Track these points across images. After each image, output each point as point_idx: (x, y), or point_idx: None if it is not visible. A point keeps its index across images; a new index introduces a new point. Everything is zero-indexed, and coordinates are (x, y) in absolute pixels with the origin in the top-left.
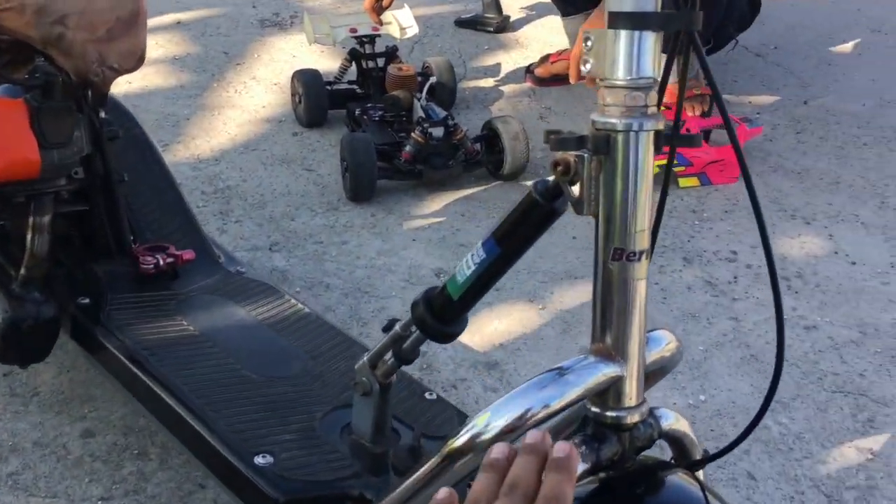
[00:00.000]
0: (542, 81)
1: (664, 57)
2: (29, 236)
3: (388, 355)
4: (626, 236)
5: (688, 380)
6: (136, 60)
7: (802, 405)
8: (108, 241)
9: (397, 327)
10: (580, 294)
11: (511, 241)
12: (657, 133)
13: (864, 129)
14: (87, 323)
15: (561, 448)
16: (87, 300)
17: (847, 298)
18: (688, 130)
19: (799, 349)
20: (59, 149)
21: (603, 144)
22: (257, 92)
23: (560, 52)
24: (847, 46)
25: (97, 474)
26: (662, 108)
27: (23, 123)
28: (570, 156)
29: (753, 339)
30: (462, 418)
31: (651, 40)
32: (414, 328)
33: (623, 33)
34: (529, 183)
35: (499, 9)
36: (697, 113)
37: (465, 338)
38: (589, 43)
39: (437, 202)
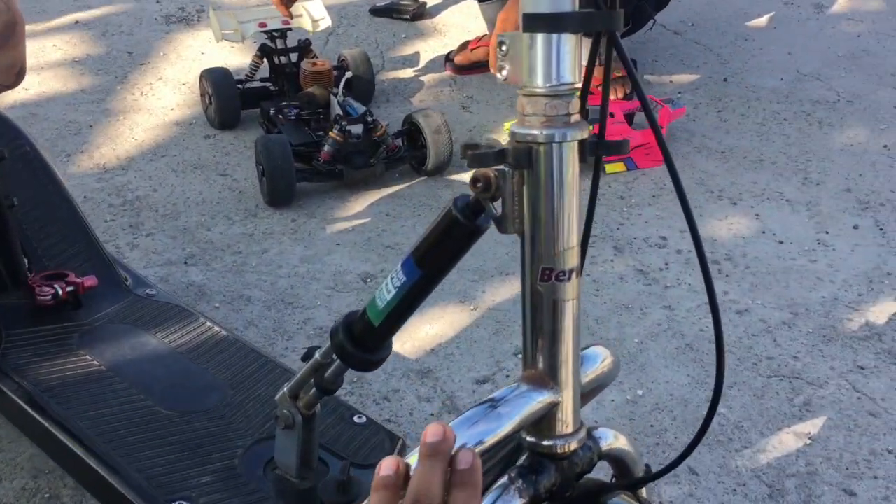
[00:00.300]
0: (463, 69)
1: (586, 56)
2: None
3: (310, 384)
4: (554, 255)
5: (624, 374)
6: (15, 75)
7: (739, 393)
8: (0, 273)
9: (317, 355)
10: (511, 290)
11: (432, 262)
12: (581, 142)
13: (783, 104)
14: None
15: (464, 459)
16: None
17: (777, 279)
18: (611, 115)
19: (733, 334)
20: None
21: (524, 158)
22: (165, 93)
23: (479, 39)
24: (762, 21)
25: None
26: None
27: None
28: (490, 171)
29: (688, 328)
30: (394, 441)
31: (570, 43)
32: (335, 356)
33: (540, 37)
34: (454, 177)
35: None
36: (620, 95)
37: (396, 345)
38: (504, 48)
39: (361, 202)
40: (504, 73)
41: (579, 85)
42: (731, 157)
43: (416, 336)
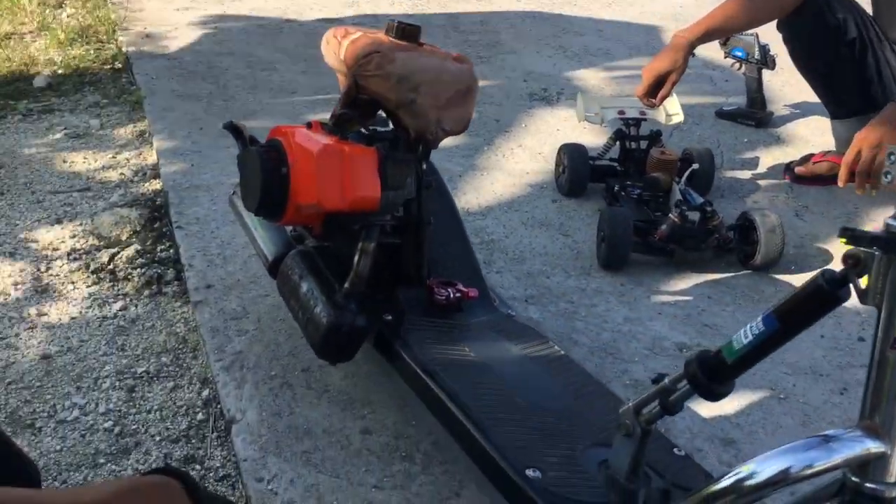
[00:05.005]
0: (802, 180)
1: None
2: (356, 258)
3: (654, 404)
4: None
5: None
6: (463, 125)
7: None
8: (410, 272)
9: (666, 381)
10: (823, 392)
11: (791, 320)
12: None
13: None
14: (389, 336)
15: None
16: (390, 317)
17: None
18: None
19: None
20: (395, 191)
21: (894, 245)
22: (522, 158)
23: (824, 154)
24: None
25: (371, 466)
26: None
27: (373, 167)
28: (861, 251)
29: None
30: (708, 478)
31: None
32: (684, 383)
33: None
34: (779, 276)
35: (763, 104)
36: None
37: (704, 411)
38: (893, 157)
39: (686, 282)
40: (889, 178)
41: None
42: None
43: (724, 409)
